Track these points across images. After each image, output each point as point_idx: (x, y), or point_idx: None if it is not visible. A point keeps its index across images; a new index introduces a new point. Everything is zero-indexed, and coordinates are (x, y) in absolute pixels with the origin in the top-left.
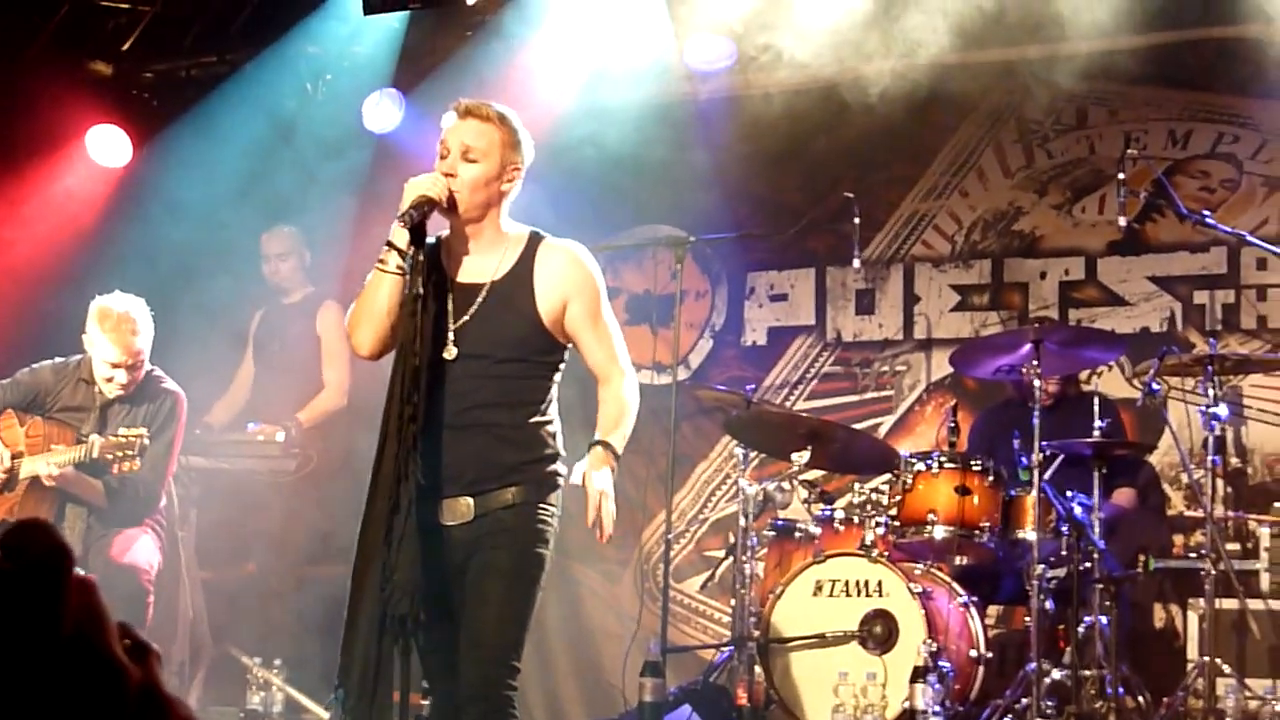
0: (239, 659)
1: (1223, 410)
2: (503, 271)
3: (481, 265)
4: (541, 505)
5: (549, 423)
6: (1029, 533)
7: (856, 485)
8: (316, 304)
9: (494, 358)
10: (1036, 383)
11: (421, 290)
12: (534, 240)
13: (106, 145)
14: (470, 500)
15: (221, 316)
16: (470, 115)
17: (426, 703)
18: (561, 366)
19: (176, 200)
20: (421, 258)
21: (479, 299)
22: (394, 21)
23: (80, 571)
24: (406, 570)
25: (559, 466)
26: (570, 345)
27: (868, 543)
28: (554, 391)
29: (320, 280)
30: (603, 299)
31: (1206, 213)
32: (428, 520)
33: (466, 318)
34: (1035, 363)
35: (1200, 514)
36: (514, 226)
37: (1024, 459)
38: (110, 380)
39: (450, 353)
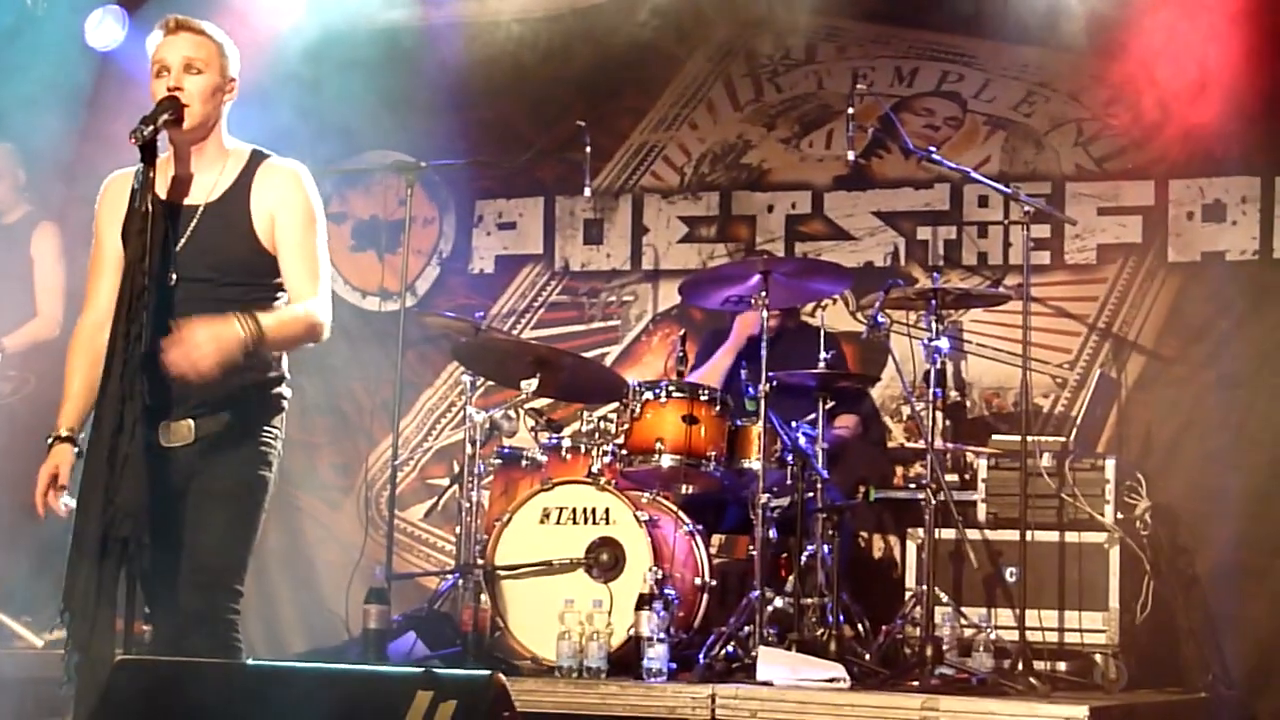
0: None
1: (944, 344)
2: (219, 192)
3: (201, 185)
4: (264, 428)
5: None
6: (754, 462)
7: (584, 414)
8: (31, 226)
9: (216, 281)
10: (764, 313)
11: (150, 207)
12: (255, 159)
13: None
14: (191, 422)
15: None
16: (183, 29)
17: (149, 628)
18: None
19: None
20: (152, 175)
21: (194, 220)
22: None
23: None
24: (130, 493)
25: (283, 390)
26: None
27: (595, 471)
28: None
29: (37, 201)
30: (318, 226)
31: (933, 149)
32: (150, 442)
33: (184, 240)
34: (764, 293)
35: (920, 446)
36: (235, 144)
37: (750, 389)
38: None
39: (171, 279)
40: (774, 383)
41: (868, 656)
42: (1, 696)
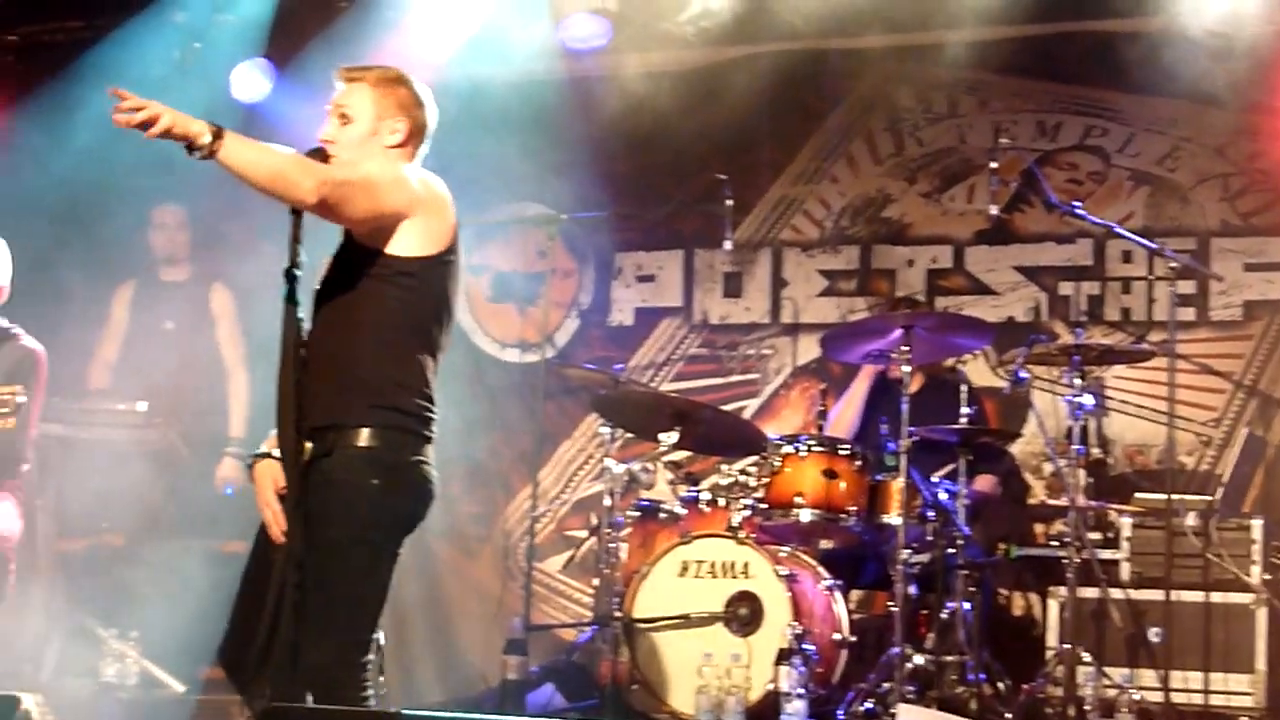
0: (94, 630)
1: (1088, 400)
2: None
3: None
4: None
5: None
6: (894, 517)
7: (723, 467)
8: (203, 283)
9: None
10: (905, 369)
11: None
12: None
13: None
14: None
15: (82, 286)
16: (346, 79)
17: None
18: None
19: (41, 165)
20: (299, 233)
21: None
22: None
23: None
24: (296, 538)
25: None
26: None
27: (734, 524)
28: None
29: (200, 260)
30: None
31: (1076, 203)
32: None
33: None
34: (905, 348)
35: (1060, 503)
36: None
37: (890, 444)
38: None
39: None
40: (915, 438)
41: (1009, 715)
42: None
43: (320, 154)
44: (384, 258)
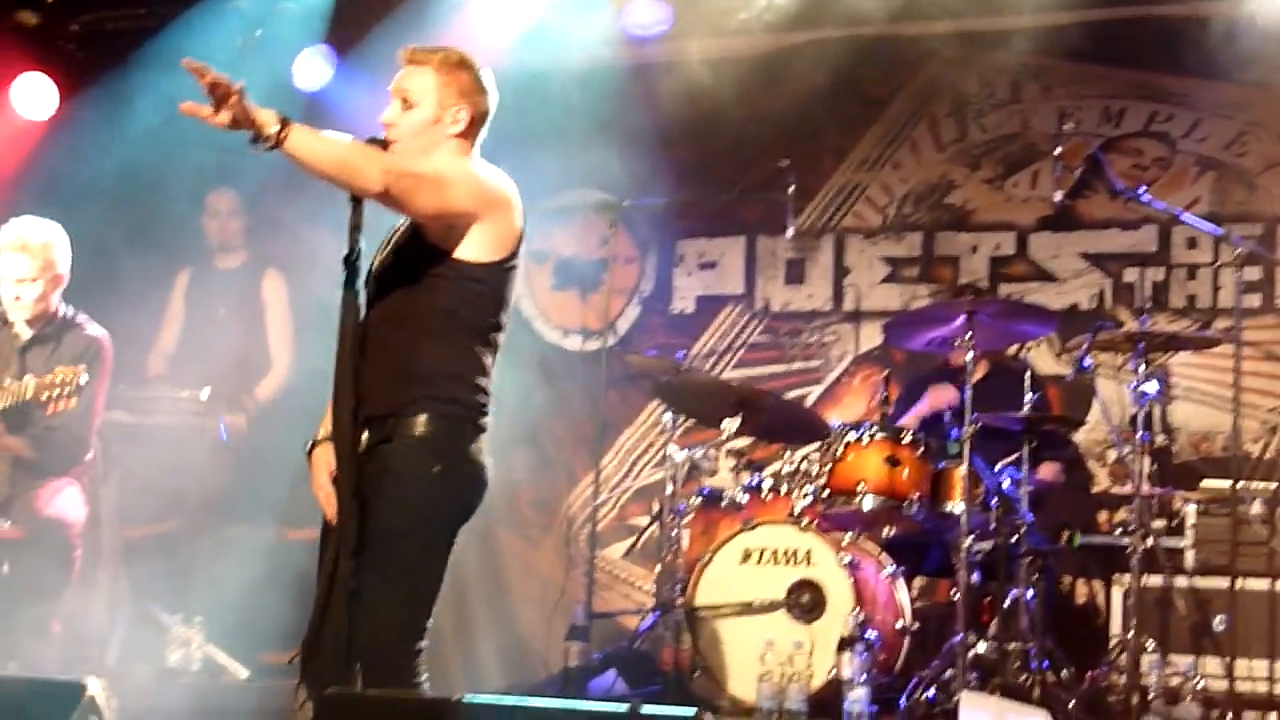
0: (158, 617)
1: (1152, 387)
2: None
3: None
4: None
5: None
6: (957, 505)
7: (785, 454)
8: (256, 270)
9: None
10: (969, 355)
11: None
12: None
13: (31, 96)
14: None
15: (140, 273)
16: (410, 61)
17: None
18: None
19: (103, 152)
20: (359, 219)
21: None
22: None
23: (4, 524)
24: (354, 524)
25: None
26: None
27: (796, 512)
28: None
29: (255, 246)
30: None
31: (1141, 189)
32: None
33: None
34: (969, 335)
35: (1125, 490)
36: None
37: (954, 431)
38: (18, 299)
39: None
40: (978, 425)
41: (1072, 703)
42: None
43: (381, 141)
44: (450, 259)
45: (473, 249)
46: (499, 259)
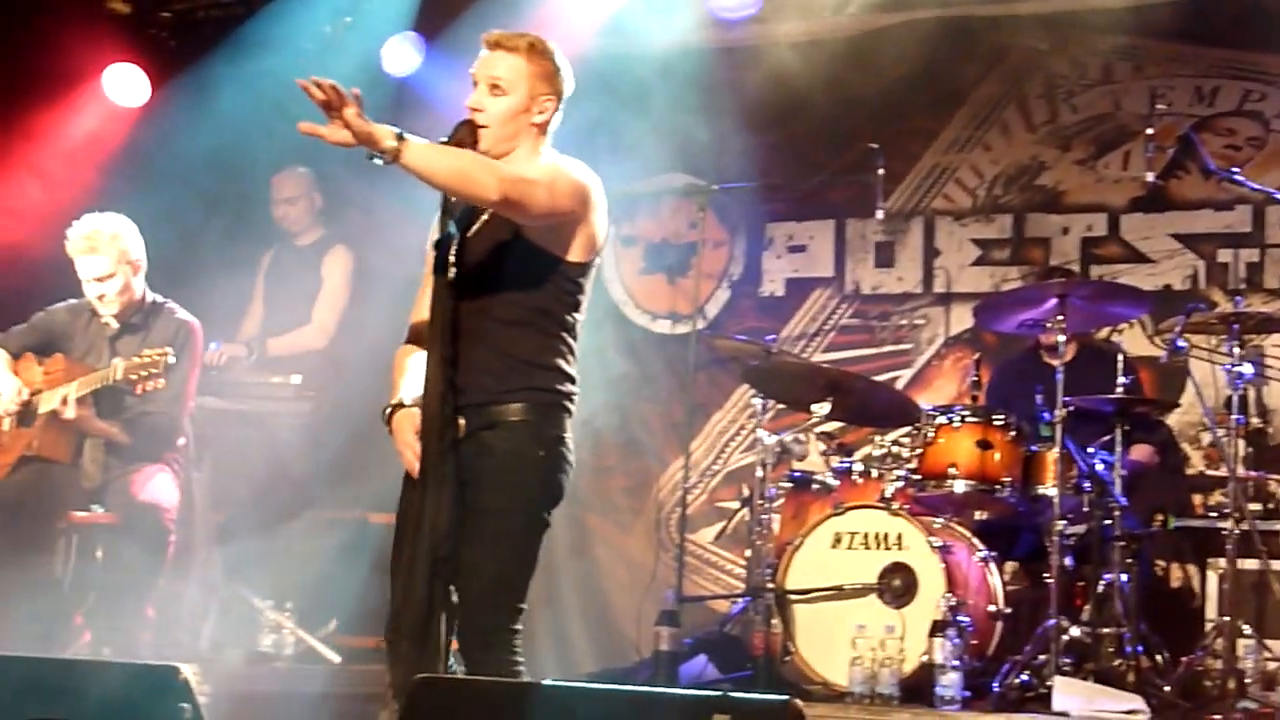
0: (250, 601)
1: (1247, 369)
2: None
3: None
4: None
5: None
6: (1050, 488)
7: (876, 438)
8: (327, 247)
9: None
10: (1060, 337)
11: (450, 233)
12: None
13: (124, 85)
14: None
15: (234, 257)
16: (498, 47)
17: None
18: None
19: (194, 140)
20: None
21: (479, 225)
22: None
23: (99, 509)
24: (449, 510)
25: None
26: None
27: (887, 495)
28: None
29: (333, 223)
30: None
31: (1235, 169)
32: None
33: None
34: (1060, 317)
35: (1218, 473)
36: (551, 160)
37: (1045, 414)
38: (102, 298)
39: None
40: (1070, 408)
41: (1167, 688)
42: (302, 712)
43: (469, 125)
44: (550, 259)
45: (571, 249)
46: (591, 258)
